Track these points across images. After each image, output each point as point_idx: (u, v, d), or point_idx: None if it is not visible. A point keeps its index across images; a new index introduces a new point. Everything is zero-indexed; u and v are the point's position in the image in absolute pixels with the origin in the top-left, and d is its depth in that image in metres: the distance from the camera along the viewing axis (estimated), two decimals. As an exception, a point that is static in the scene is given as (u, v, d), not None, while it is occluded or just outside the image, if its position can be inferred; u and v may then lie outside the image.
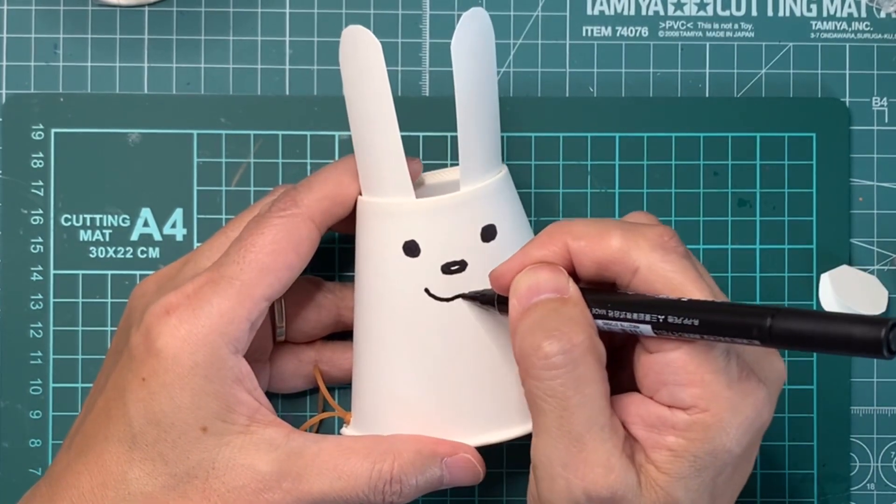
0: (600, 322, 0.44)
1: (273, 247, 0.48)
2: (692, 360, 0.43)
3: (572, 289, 0.45)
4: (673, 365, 0.43)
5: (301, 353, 0.54)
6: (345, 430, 0.52)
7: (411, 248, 0.48)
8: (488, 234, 0.48)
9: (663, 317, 0.42)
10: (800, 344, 0.39)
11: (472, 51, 0.47)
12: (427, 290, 0.48)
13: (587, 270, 0.45)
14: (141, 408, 0.46)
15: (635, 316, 0.43)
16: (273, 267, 0.48)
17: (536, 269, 0.45)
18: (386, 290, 0.49)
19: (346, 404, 0.55)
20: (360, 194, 0.50)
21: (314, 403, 0.57)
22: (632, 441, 0.44)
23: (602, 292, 0.45)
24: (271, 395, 0.56)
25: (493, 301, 0.48)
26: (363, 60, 0.47)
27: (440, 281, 0.48)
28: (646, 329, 0.43)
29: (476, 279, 0.48)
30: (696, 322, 0.41)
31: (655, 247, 0.44)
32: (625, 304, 0.44)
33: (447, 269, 0.48)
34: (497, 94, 0.49)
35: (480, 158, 0.48)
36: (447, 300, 0.48)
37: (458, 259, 0.48)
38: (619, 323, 0.44)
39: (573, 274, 0.45)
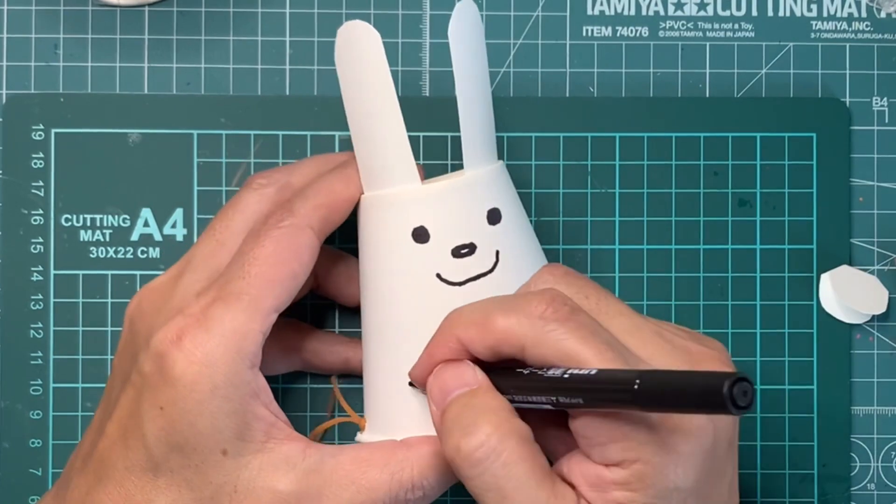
0: (514, 402, 0.45)
1: (275, 258, 0.48)
2: (606, 418, 0.42)
3: (480, 377, 0.45)
4: (590, 426, 0.43)
5: (286, 339, 0.54)
6: (360, 437, 0.51)
7: (421, 235, 0.48)
8: (494, 217, 0.49)
9: (554, 398, 0.42)
10: (664, 406, 0.39)
11: (468, 38, 0.48)
12: (439, 276, 0.48)
13: (484, 356, 0.45)
14: (162, 437, 0.46)
15: (533, 398, 0.43)
16: (278, 278, 0.47)
17: (441, 369, 0.46)
18: (397, 281, 0.49)
19: (356, 407, 0.55)
20: (360, 196, 0.50)
21: (315, 403, 0.57)
22: (584, 501, 0.44)
23: (505, 373, 0.45)
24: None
25: None
26: (364, 52, 0.48)
27: (451, 265, 0.48)
28: (548, 407, 0.43)
29: (484, 262, 0.48)
30: (581, 400, 0.41)
31: (535, 320, 0.44)
32: (522, 388, 0.44)
33: (457, 252, 0.48)
34: (489, 89, 0.50)
35: (481, 144, 0.49)
36: (460, 284, 0.48)
37: (467, 242, 0.48)
38: (526, 403, 0.44)
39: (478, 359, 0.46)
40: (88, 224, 0.57)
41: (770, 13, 0.58)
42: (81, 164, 0.57)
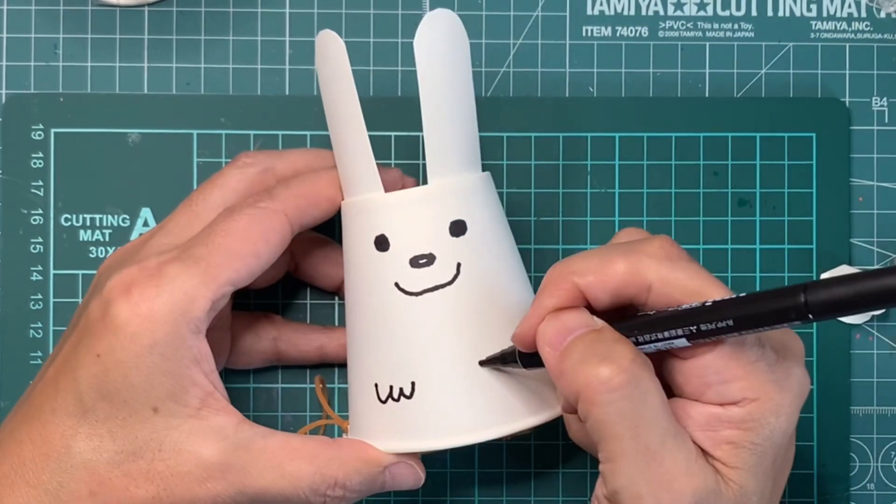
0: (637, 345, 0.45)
1: (243, 233, 0.48)
2: (730, 357, 0.43)
3: (599, 321, 0.45)
4: (713, 366, 0.43)
5: (260, 328, 0.55)
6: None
7: (381, 242, 0.48)
8: (458, 229, 0.48)
9: (695, 327, 0.42)
10: (840, 310, 0.39)
11: (435, 50, 0.48)
12: (397, 285, 0.48)
13: (602, 303, 0.45)
14: (94, 383, 0.46)
15: (667, 333, 0.43)
16: (240, 253, 0.48)
17: (558, 314, 0.45)
18: (362, 287, 0.49)
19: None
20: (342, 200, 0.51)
21: (314, 404, 0.57)
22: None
23: (627, 319, 0.45)
24: (242, 375, 0.57)
25: (514, 358, 0.47)
26: (330, 60, 0.48)
27: (409, 274, 0.48)
28: (681, 342, 0.43)
29: (443, 273, 0.48)
30: (731, 322, 0.42)
31: (661, 259, 0.44)
32: (653, 325, 0.44)
33: (415, 262, 0.48)
34: (471, 95, 0.49)
35: (449, 155, 0.49)
36: (417, 294, 0.48)
37: (425, 252, 0.48)
38: (652, 345, 0.44)
39: (590, 309, 0.46)
40: (88, 224, 0.57)
41: (770, 13, 0.58)
42: (81, 164, 0.57)
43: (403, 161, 0.57)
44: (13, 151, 0.57)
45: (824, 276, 0.57)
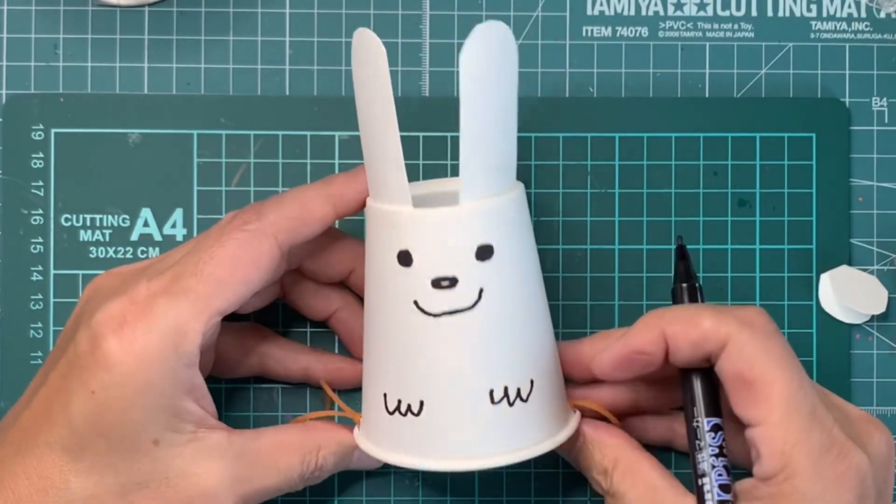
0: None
1: (233, 261, 0.47)
2: (774, 431, 0.45)
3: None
4: (757, 438, 0.45)
5: (248, 343, 0.54)
6: (356, 431, 0.52)
7: (404, 258, 0.47)
8: (484, 253, 0.47)
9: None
10: None
11: (482, 67, 0.46)
12: (416, 303, 0.47)
13: (683, 352, 0.47)
14: (91, 420, 0.46)
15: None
16: (231, 281, 0.47)
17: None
18: (381, 298, 0.48)
19: (354, 406, 0.55)
20: (333, 217, 0.50)
21: (314, 404, 0.57)
22: None
23: None
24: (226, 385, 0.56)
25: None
26: (371, 66, 0.46)
27: (429, 295, 0.47)
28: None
29: (465, 297, 0.47)
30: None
31: (744, 324, 0.46)
32: None
33: (437, 283, 0.47)
34: (515, 111, 0.48)
35: (485, 177, 0.47)
36: (435, 315, 0.47)
37: (448, 275, 0.47)
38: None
39: (666, 357, 0.48)
40: (88, 224, 0.57)
41: (770, 13, 0.58)
42: (81, 164, 0.57)
43: (405, 161, 0.57)
44: (13, 151, 0.57)
45: (824, 276, 0.57)
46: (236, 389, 0.56)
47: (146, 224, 0.57)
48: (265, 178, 0.57)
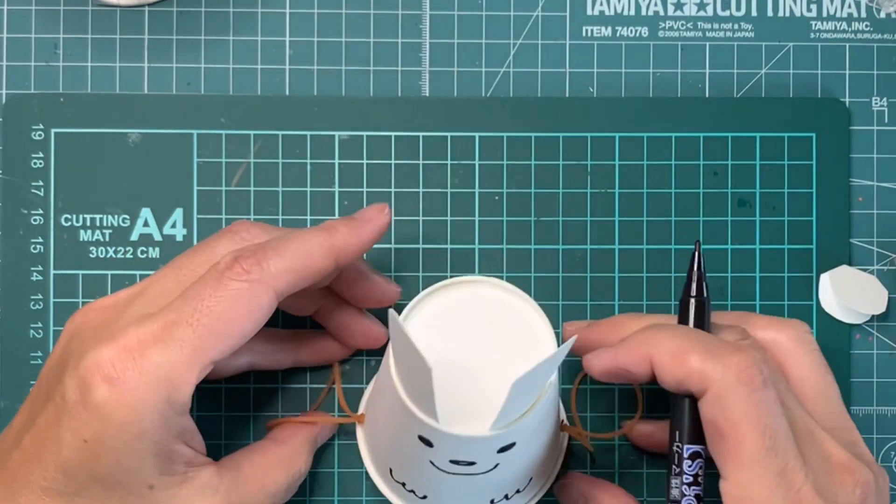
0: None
1: (230, 314, 0.46)
2: (738, 490, 0.45)
3: None
4: (723, 490, 0.46)
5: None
6: (359, 430, 0.54)
7: (426, 441, 0.47)
8: (505, 448, 0.47)
9: None
10: None
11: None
12: (431, 462, 0.48)
13: (667, 383, 0.48)
14: (85, 467, 0.46)
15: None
16: (227, 334, 0.46)
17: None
18: (395, 430, 0.49)
19: (353, 406, 0.55)
20: (337, 269, 0.49)
21: (314, 404, 0.57)
22: None
23: None
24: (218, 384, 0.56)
25: None
26: (405, 341, 0.44)
27: (447, 466, 0.48)
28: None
29: (481, 468, 0.47)
30: None
31: (731, 371, 0.46)
32: None
33: (455, 462, 0.47)
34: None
35: (520, 410, 0.46)
36: (447, 472, 0.48)
37: (468, 460, 0.47)
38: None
39: (651, 377, 0.48)
40: (88, 224, 0.57)
41: (770, 13, 0.58)
42: (81, 164, 0.57)
43: (403, 161, 0.57)
44: (13, 151, 0.57)
45: (824, 276, 0.57)
46: (236, 390, 0.56)
47: (146, 224, 0.57)
48: (265, 177, 0.57)
